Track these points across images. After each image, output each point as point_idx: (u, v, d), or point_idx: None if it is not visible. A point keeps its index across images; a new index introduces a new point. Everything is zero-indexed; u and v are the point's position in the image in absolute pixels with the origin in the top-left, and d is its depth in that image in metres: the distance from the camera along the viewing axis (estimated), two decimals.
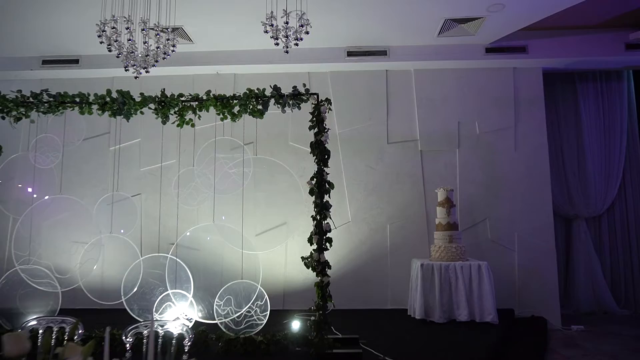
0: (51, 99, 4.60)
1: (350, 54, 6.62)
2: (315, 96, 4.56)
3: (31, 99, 4.61)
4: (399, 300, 6.40)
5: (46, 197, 4.61)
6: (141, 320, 4.52)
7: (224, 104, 4.55)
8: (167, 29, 4.44)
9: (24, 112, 4.68)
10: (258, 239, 6.63)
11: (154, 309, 4.38)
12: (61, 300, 4.58)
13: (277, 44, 3.96)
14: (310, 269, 4.41)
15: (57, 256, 4.61)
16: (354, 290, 6.56)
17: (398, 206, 6.70)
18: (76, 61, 6.75)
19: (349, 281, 6.60)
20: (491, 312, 5.41)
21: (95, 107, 4.63)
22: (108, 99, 4.58)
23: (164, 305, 4.40)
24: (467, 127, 6.79)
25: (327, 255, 6.68)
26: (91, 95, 4.65)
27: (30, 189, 4.97)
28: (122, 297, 4.43)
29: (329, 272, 6.55)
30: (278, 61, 6.68)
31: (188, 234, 4.83)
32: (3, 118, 4.66)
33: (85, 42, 6.28)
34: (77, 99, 4.63)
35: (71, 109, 4.68)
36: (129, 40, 4.14)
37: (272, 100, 4.59)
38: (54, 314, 4.57)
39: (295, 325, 5.27)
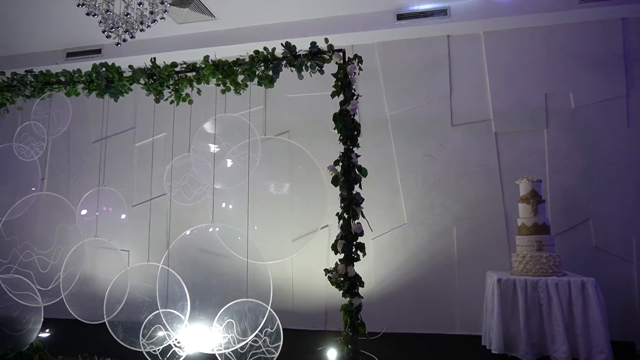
0: (34, 80, 3.92)
1: (400, 17, 5.36)
2: (340, 53, 3.40)
3: (15, 82, 3.97)
4: (471, 324, 4.99)
5: (29, 195, 3.93)
6: (126, 345, 3.67)
7: (225, 72, 3.56)
8: None
9: (9, 97, 4.07)
10: (295, 245, 5.58)
11: (140, 333, 3.49)
12: (45, 310, 3.89)
13: None
14: (335, 286, 3.24)
15: (39, 263, 3.93)
16: (411, 309, 5.25)
17: (467, 204, 5.29)
18: (98, 51, 6.20)
19: (405, 298, 5.31)
20: (603, 348, 3.85)
21: (80, 86, 3.87)
22: (94, 76, 3.79)
23: (153, 328, 3.49)
24: (558, 99, 5.21)
25: (376, 264, 5.48)
26: (78, 73, 3.91)
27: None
28: (105, 316, 3.59)
29: (372, 287, 5.36)
30: (314, 33, 5.59)
31: (188, 233, 3.89)
32: None
33: None
34: (62, 78, 3.91)
35: (57, 90, 3.97)
36: None
37: (285, 63, 3.50)
38: (34, 333, 3.87)
39: (332, 355, 4.14)
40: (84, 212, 4.13)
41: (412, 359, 4.41)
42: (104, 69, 3.72)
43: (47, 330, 4.97)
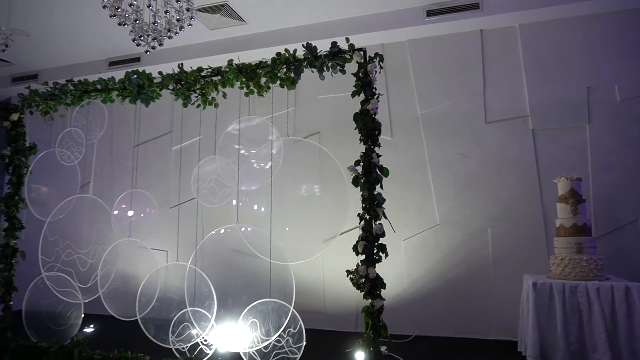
0: (73, 89, 4.16)
1: (430, 13, 5.23)
2: (361, 52, 3.37)
3: (57, 91, 4.23)
4: (508, 329, 4.79)
5: (70, 198, 4.17)
6: (157, 342, 3.80)
7: (248, 75, 3.62)
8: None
9: (52, 106, 4.33)
10: (326, 246, 5.58)
11: (169, 331, 3.61)
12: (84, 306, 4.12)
13: None
14: (356, 288, 3.21)
15: (79, 262, 4.17)
16: (444, 313, 5.12)
17: (502, 204, 5.09)
18: (137, 59, 6.47)
19: (438, 301, 5.18)
20: None
21: (115, 93, 4.06)
22: (127, 83, 3.97)
23: (181, 326, 3.61)
24: (602, 93, 4.91)
25: (408, 266, 5.37)
26: (112, 81, 4.10)
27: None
28: (137, 313, 3.74)
29: (404, 289, 5.25)
30: (343, 33, 5.53)
31: (222, 230, 3.97)
32: (31, 113, 4.36)
33: None
34: (99, 86, 4.12)
35: (94, 97, 4.19)
36: (131, 5, 3.45)
37: (306, 64, 3.50)
38: (75, 328, 4.10)
39: (359, 357, 4.10)
40: (130, 213, 4.35)
41: None
42: (135, 75, 3.88)
43: (92, 326, 5.26)
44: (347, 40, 3.45)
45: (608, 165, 4.80)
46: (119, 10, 3.52)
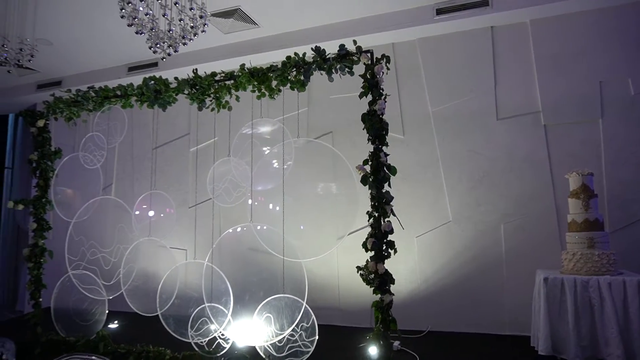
0: (95, 95, 4.35)
1: (440, 11, 5.27)
2: (368, 54, 3.46)
3: (80, 97, 4.43)
4: (521, 324, 4.81)
5: (94, 199, 4.38)
6: (177, 336, 3.97)
7: (260, 79, 3.74)
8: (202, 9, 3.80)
9: (75, 112, 4.54)
10: (336, 244, 5.68)
11: (189, 325, 3.77)
12: (109, 303, 4.33)
13: None
14: (366, 283, 3.31)
15: (103, 261, 4.37)
16: (457, 308, 5.17)
17: (515, 200, 5.10)
18: (155, 64, 6.67)
19: (451, 297, 5.23)
20: None
21: (133, 99, 4.24)
22: (144, 89, 4.14)
23: (200, 321, 3.77)
24: (615, 87, 4.88)
25: (421, 262, 5.44)
26: (131, 87, 4.28)
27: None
28: (158, 309, 3.91)
29: (417, 285, 5.32)
30: (353, 34, 5.65)
31: (239, 229, 4.12)
32: (56, 119, 4.58)
33: None
34: (118, 92, 4.31)
35: (114, 103, 4.38)
36: (147, 14, 3.61)
37: (315, 67, 3.61)
38: (100, 323, 4.30)
39: (373, 351, 4.20)
40: (151, 213, 4.54)
41: (454, 358, 4.34)
42: (152, 82, 4.04)
43: (115, 322, 5.49)
44: (355, 42, 3.53)
45: (621, 160, 4.78)
46: (136, 19, 3.68)
